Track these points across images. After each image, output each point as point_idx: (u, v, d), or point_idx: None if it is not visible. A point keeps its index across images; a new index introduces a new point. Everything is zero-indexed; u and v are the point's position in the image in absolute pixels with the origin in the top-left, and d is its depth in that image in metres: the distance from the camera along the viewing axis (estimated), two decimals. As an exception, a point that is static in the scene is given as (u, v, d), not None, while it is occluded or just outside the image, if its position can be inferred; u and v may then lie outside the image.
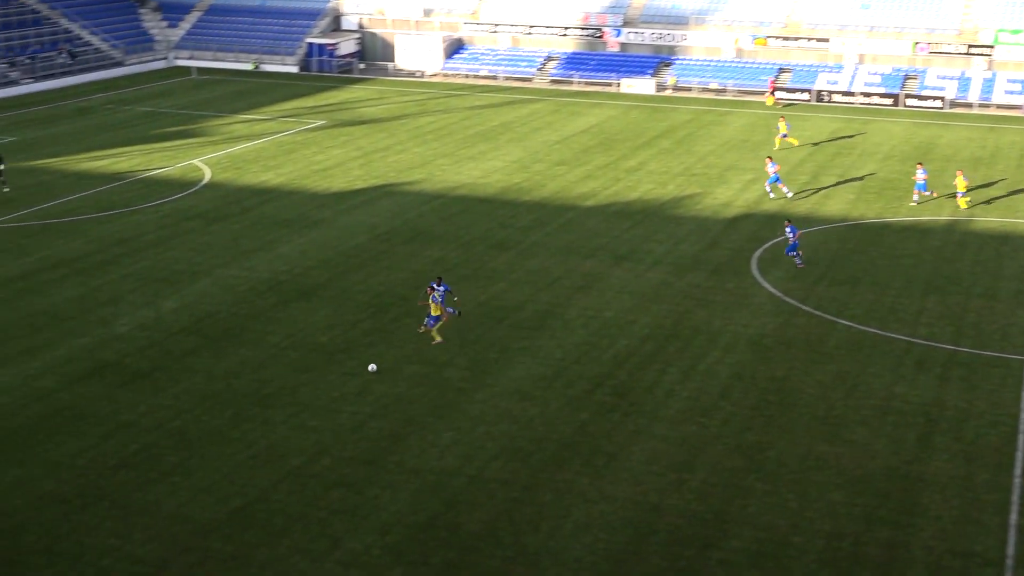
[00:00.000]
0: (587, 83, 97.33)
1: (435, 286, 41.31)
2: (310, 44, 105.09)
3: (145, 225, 54.90)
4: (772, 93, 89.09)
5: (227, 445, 33.16)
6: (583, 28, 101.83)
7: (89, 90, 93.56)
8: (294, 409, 35.52)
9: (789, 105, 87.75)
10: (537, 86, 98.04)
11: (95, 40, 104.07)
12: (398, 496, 30.43)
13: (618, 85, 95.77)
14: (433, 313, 40.60)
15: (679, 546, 28.28)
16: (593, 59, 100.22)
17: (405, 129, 78.59)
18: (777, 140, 72.30)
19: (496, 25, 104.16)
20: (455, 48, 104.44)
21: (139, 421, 34.56)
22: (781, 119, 73.84)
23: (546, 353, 39.99)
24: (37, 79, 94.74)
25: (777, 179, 60.10)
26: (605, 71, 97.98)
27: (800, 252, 48.94)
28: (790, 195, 60.21)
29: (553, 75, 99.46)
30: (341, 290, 46.21)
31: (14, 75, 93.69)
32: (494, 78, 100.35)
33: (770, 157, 62.43)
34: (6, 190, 60.39)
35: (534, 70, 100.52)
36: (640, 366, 38.90)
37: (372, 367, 37.82)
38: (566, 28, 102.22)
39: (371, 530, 28.79)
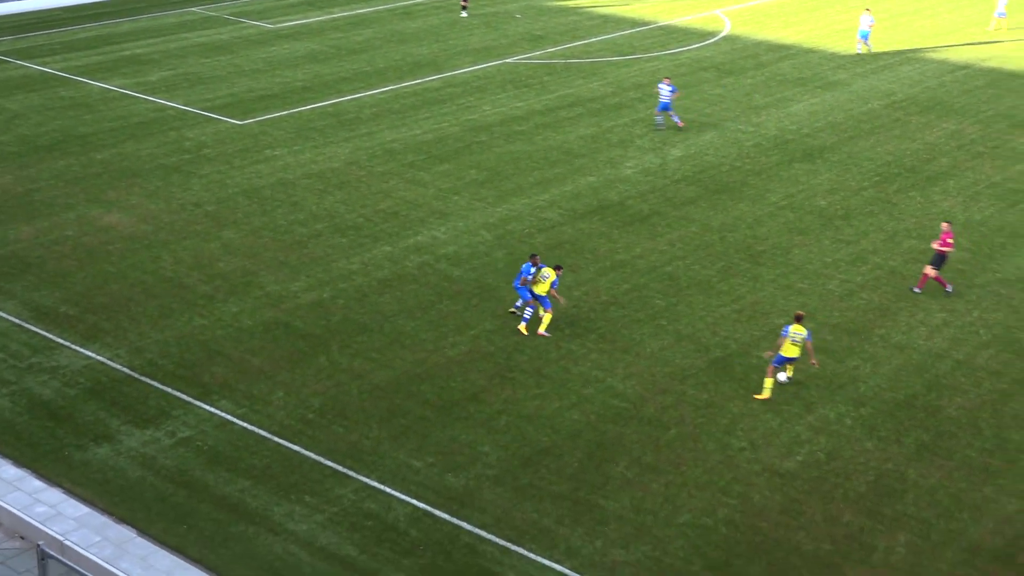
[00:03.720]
0: None
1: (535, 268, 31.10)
2: None
3: (660, 72, 55.78)
4: None
5: (714, 296, 33.72)
6: None
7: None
8: (784, 269, 35.47)
9: None
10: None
11: None
12: (879, 370, 29.89)
13: None
14: (540, 292, 31.13)
15: None
16: None
17: (938, -7, 74.66)
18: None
19: None
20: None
21: (633, 262, 35.76)
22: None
23: (1060, 244, 37.53)
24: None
25: (866, 36, 59.55)
26: None
27: (672, 115, 47.21)
28: (871, 48, 60.29)
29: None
30: (847, 155, 45.17)
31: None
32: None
33: (868, 9, 60.26)
34: (464, 15, 66.77)
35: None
36: None
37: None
38: None
39: (846, 400, 28.53)
